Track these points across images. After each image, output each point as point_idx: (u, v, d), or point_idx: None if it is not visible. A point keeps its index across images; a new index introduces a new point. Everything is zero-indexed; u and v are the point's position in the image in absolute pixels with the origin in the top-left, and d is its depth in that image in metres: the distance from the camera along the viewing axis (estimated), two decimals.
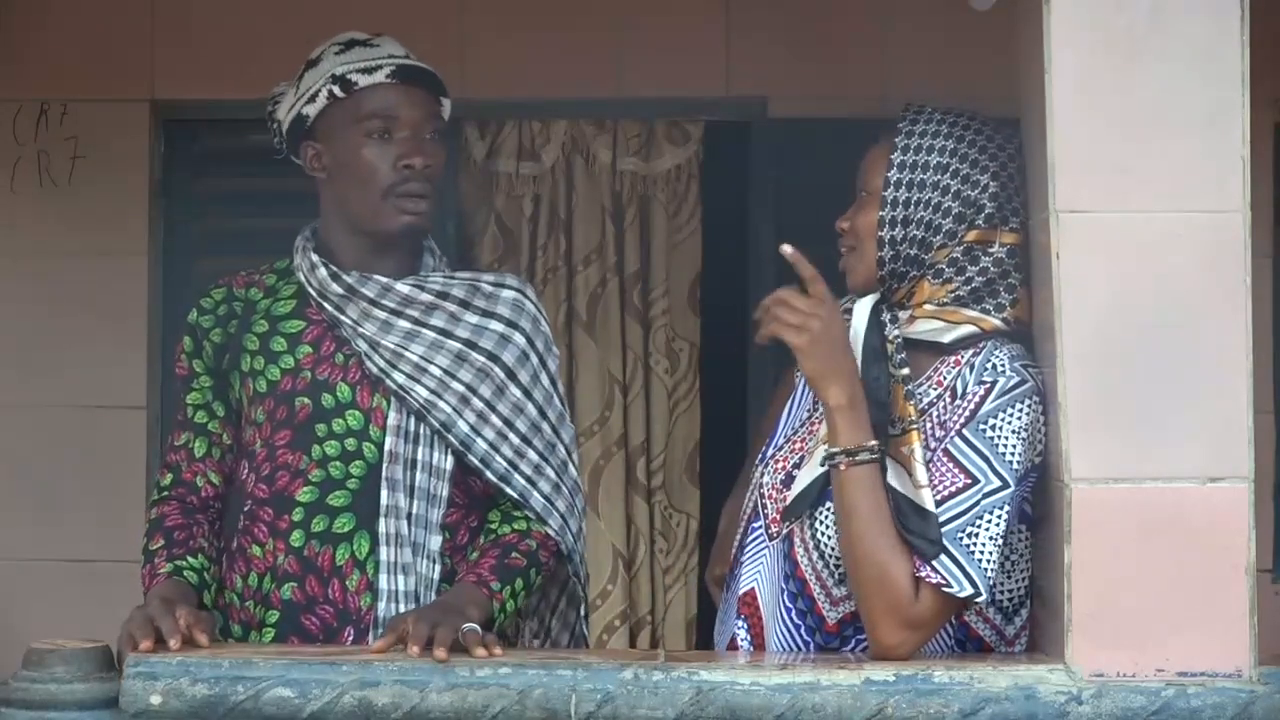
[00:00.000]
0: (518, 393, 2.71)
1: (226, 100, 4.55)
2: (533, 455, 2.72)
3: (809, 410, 2.62)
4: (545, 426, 2.74)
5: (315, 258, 2.70)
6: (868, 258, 2.52)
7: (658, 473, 4.76)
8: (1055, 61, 2.33)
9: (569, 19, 4.53)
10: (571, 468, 2.78)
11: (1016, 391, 2.41)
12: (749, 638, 2.57)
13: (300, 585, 2.66)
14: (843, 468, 2.41)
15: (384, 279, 2.68)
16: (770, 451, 2.63)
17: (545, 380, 2.76)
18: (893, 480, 2.41)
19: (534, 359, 2.74)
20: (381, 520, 2.64)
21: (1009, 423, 2.40)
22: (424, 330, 2.68)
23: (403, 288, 2.68)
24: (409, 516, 2.65)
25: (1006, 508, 2.37)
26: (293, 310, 2.73)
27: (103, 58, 4.55)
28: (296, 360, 2.69)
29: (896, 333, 2.49)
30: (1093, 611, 2.29)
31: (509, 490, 2.70)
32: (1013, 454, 2.38)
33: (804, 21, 4.52)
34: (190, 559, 2.66)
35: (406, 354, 2.66)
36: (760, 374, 4.49)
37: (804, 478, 2.49)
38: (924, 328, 2.51)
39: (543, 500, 2.71)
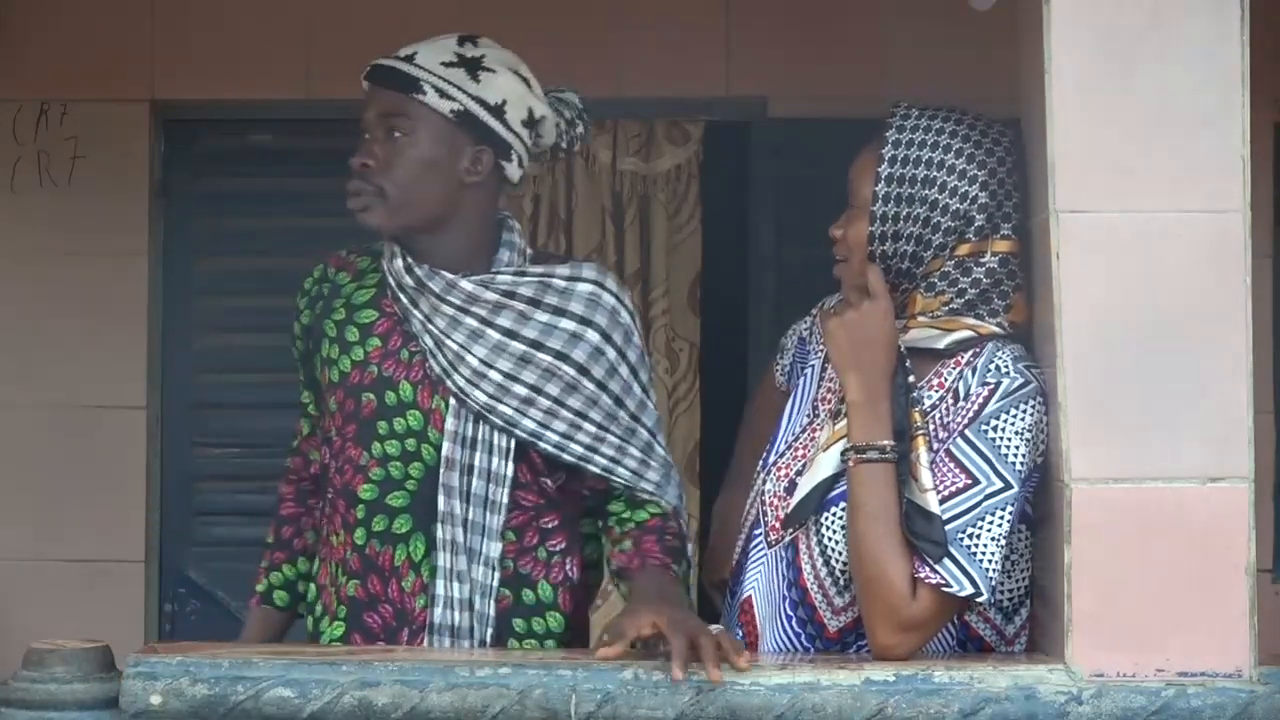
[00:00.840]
0: (591, 387, 2.66)
1: (226, 100, 4.56)
2: (612, 439, 2.67)
3: (809, 416, 2.62)
4: (622, 414, 2.69)
5: (396, 247, 2.66)
6: (860, 270, 2.52)
7: None
8: (1055, 61, 2.33)
9: (568, 19, 4.53)
10: (658, 449, 2.74)
11: (1020, 393, 2.41)
12: (745, 645, 2.56)
13: (363, 583, 2.65)
14: (851, 463, 2.42)
15: (450, 275, 2.63)
16: (772, 459, 2.62)
17: (625, 370, 2.70)
18: None
19: (610, 352, 2.68)
20: (439, 526, 2.62)
21: (1012, 424, 2.39)
22: (489, 330, 2.63)
23: (467, 285, 2.63)
24: (465, 523, 2.62)
25: (1010, 508, 2.37)
26: (370, 300, 2.70)
27: (103, 58, 4.55)
28: (366, 353, 2.66)
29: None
30: (1093, 611, 2.28)
31: (590, 468, 2.66)
32: (1015, 455, 2.38)
33: (804, 21, 4.52)
34: (286, 568, 2.82)
35: (468, 357, 2.62)
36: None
37: (805, 484, 2.49)
38: (918, 335, 2.50)
39: (629, 473, 2.69)
